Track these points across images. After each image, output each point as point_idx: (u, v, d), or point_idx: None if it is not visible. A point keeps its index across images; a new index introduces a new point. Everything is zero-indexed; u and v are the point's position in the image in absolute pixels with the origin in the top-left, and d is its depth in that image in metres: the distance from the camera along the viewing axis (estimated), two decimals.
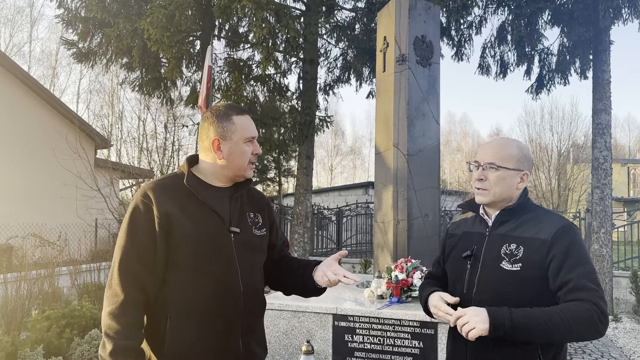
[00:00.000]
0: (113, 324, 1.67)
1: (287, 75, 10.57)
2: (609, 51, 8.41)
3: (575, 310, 1.63)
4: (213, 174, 1.90)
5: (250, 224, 1.93)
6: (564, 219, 1.85)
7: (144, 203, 1.77)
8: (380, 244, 6.06)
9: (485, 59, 10.01)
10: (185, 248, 1.75)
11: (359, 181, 39.60)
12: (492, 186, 1.86)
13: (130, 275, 1.71)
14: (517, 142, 1.95)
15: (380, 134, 6.25)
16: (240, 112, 1.92)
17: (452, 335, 1.95)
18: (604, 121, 8.43)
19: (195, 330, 1.74)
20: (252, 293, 1.86)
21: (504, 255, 1.79)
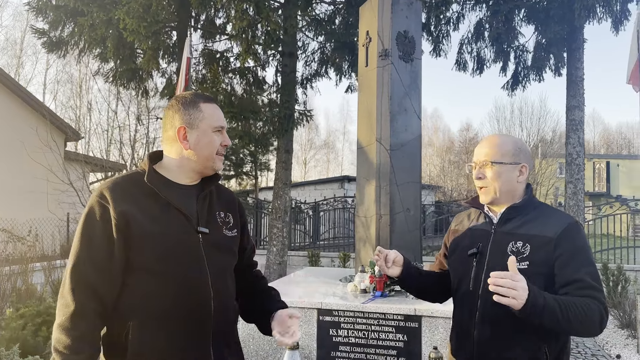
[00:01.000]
0: (62, 338, 1.52)
1: (265, 68, 10.47)
2: (582, 49, 8.61)
3: (588, 306, 1.65)
4: (179, 169, 1.75)
5: (220, 224, 1.78)
6: (569, 217, 1.87)
7: (99, 203, 1.62)
8: (362, 238, 6.08)
9: (463, 55, 10.13)
10: (145, 250, 1.60)
11: (333, 175, 39.73)
12: (492, 182, 1.88)
13: (82, 283, 1.56)
14: (511, 137, 1.98)
15: (362, 128, 6.26)
16: (208, 100, 1.79)
17: (458, 330, 1.96)
18: (577, 117, 8.64)
19: (161, 339, 1.60)
20: (223, 298, 1.72)
21: (511, 253, 1.79)
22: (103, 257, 1.59)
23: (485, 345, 1.81)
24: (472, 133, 43.29)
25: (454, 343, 2.00)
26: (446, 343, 4.56)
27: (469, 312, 1.87)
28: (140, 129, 13.54)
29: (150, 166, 1.74)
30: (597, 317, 1.65)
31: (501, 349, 1.77)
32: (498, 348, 1.78)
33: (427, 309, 4.61)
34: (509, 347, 1.76)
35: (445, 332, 4.55)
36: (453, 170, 39.48)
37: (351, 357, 4.73)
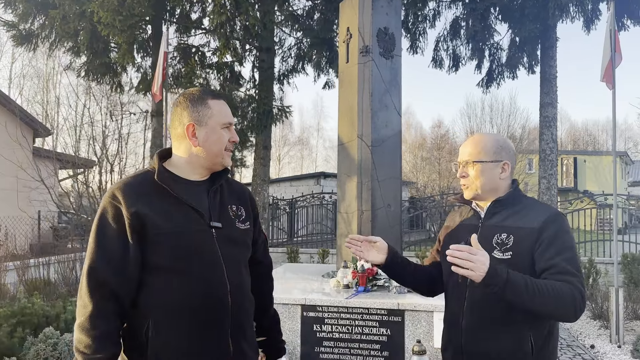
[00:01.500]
0: (83, 338, 1.56)
1: (243, 64, 10.38)
2: (555, 47, 8.82)
3: (560, 288, 1.68)
4: (188, 165, 1.76)
5: (232, 217, 1.79)
6: (552, 208, 1.94)
7: (112, 205, 1.63)
8: (343, 234, 6.11)
9: (439, 53, 10.25)
10: (161, 248, 1.62)
11: (307, 172, 39.71)
12: (474, 180, 1.94)
13: (99, 284, 1.58)
14: (492, 135, 2.04)
15: (343, 125, 6.27)
16: (216, 96, 1.79)
17: (448, 322, 2.01)
18: (550, 114, 8.85)
19: (180, 334, 1.63)
20: (239, 291, 1.75)
21: (496, 245, 1.85)
22: (118, 258, 1.60)
23: (472, 334, 1.86)
24: (444, 130, 43.87)
25: (444, 336, 2.05)
26: (429, 336, 4.64)
27: (458, 303, 1.93)
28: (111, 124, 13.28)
29: (160, 164, 1.74)
30: (569, 300, 1.68)
31: (488, 337, 1.82)
32: (485, 337, 1.83)
33: (410, 303, 4.67)
34: (495, 336, 1.81)
35: (428, 326, 4.62)
36: (425, 167, 39.93)
37: (335, 352, 4.76)
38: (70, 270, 6.95)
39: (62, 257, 7.08)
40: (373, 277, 5.22)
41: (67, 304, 5.67)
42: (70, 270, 6.95)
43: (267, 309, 2.02)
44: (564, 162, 37.60)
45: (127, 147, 13.05)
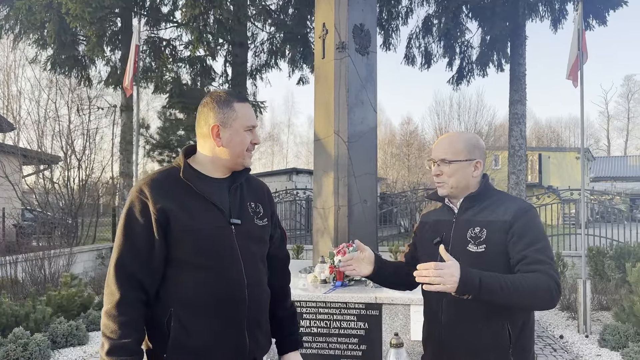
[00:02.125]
0: (110, 323, 1.64)
1: (216, 58, 10.25)
2: (524, 45, 9.03)
3: (535, 280, 1.75)
4: (211, 163, 1.84)
5: (251, 215, 1.88)
6: (523, 201, 2.02)
7: (139, 199, 1.72)
8: (320, 230, 6.12)
9: (411, 50, 10.35)
10: (184, 244, 1.71)
11: (278, 168, 39.56)
12: (448, 179, 2.00)
13: (126, 273, 1.67)
14: (465, 134, 2.11)
15: (319, 120, 6.27)
16: (242, 99, 1.87)
17: (427, 317, 2.07)
18: (519, 111, 9.06)
19: (200, 325, 1.72)
20: (256, 285, 1.83)
21: (470, 239, 1.92)
22: (144, 250, 1.69)
23: (452, 329, 1.91)
24: (413, 126, 44.40)
25: (425, 331, 2.11)
26: (406, 329, 4.71)
27: (437, 298, 1.96)
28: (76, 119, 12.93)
29: (185, 162, 1.82)
30: (545, 289, 1.74)
31: (467, 331, 1.88)
32: (464, 331, 1.89)
33: (387, 296, 4.72)
34: (474, 329, 1.87)
35: (405, 319, 4.69)
36: (395, 163, 40.31)
37: (313, 347, 4.78)
38: (39, 269, 6.75)
39: (30, 255, 6.88)
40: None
41: (36, 304, 5.52)
42: (39, 269, 6.75)
43: (284, 301, 2.07)
44: (529, 158, 38.54)
45: (95, 142, 12.78)
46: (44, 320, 5.38)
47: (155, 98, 30.21)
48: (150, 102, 30.50)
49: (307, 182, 17.96)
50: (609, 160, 45.53)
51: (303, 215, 14.24)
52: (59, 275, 7.00)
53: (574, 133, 56.43)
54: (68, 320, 5.55)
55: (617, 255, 7.92)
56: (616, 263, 7.63)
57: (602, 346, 5.36)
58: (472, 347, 1.88)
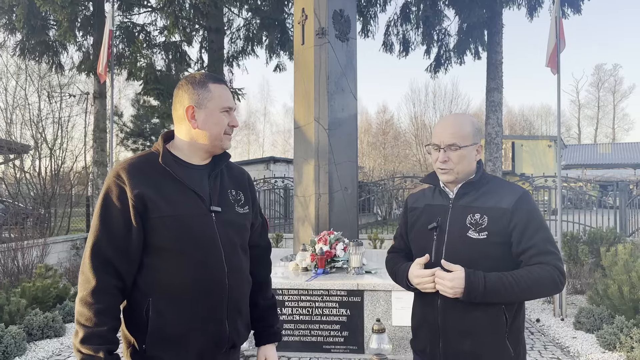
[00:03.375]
0: (84, 311, 1.59)
1: (192, 43, 10.05)
2: (501, 33, 9.09)
3: (540, 274, 1.78)
4: (189, 148, 1.79)
5: (232, 202, 1.84)
6: (520, 188, 1.98)
7: (116, 184, 1.67)
8: (301, 218, 6.10)
9: (389, 37, 10.32)
10: (162, 231, 1.66)
11: (254, 157, 39.31)
12: (455, 165, 1.93)
13: (102, 260, 1.62)
14: (468, 116, 2.05)
15: (299, 107, 6.22)
16: (217, 80, 1.81)
17: (421, 300, 2.02)
18: (496, 99, 9.15)
19: (179, 314, 1.68)
20: (237, 273, 1.79)
21: (470, 225, 1.88)
22: (121, 236, 1.64)
23: (449, 314, 1.89)
24: (389, 115, 44.57)
25: (417, 315, 2.07)
26: (388, 315, 4.74)
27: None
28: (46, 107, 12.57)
29: (164, 147, 1.78)
30: (549, 281, 1.79)
31: (464, 316, 1.86)
32: (461, 315, 1.86)
33: (369, 283, 4.74)
34: (471, 314, 1.85)
35: (387, 305, 4.72)
36: (372, 151, 40.46)
37: (295, 334, 4.78)
38: (12, 260, 6.57)
39: (2, 246, 6.68)
40: (331, 259, 5.26)
41: (10, 295, 5.37)
42: (12, 261, 6.57)
43: (264, 291, 2.04)
44: (503, 146, 39.13)
45: (67, 131, 12.47)
46: (19, 313, 5.24)
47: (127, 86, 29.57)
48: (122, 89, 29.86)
49: (285, 171, 17.89)
50: (579, 148, 46.55)
51: (281, 204, 14.19)
52: (32, 266, 6.82)
53: (546, 121, 57.52)
54: (44, 312, 5.42)
55: (590, 241, 8.12)
56: (589, 248, 7.82)
57: (577, 329, 5.50)
58: (468, 332, 1.87)
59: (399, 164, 35.44)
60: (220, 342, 1.76)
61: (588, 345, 4.95)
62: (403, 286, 2.04)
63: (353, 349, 4.76)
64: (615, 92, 54.95)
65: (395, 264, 2.13)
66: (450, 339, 1.91)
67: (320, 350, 4.77)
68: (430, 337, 1.97)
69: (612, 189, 11.45)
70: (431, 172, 2.13)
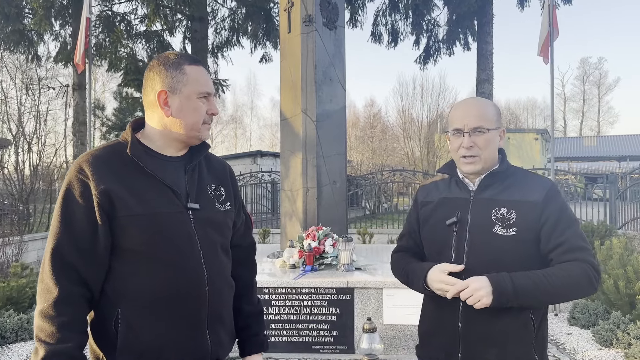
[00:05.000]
0: (45, 325, 1.39)
1: (174, 33, 9.74)
2: (492, 23, 8.94)
3: (573, 271, 1.62)
4: (162, 138, 1.58)
5: (211, 198, 1.64)
6: (548, 180, 1.80)
7: (79, 179, 1.47)
8: (288, 213, 5.90)
9: (378, 27, 10.13)
10: (132, 232, 1.47)
11: (241, 151, 38.96)
12: (482, 151, 1.73)
13: (65, 266, 1.43)
14: (486, 99, 1.87)
15: (286, 98, 6.00)
16: (194, 61, 1.60)
17: (437, 303, 1.79)
18: (487, 90, 9.01)
19: (153, 325, 1.49)
20: (218, 277, 1.60)
21: (496, 220, 1.69)
22: (85, 239, 1.45)
23: (471, 319, 1.69)
24: (376, 109, 44.47)
25: (433, 321, 1.85)
26: (379, 313, 4.57)
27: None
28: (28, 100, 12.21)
29: (133, 136, 1.56)
30: (584, 278, 1.62)
31: (489, 320, 1.67)
32: (486, 320, 1.67)
33: (360, 280, 4.57)
34: (497, 318, 1.66)
35: (378, 303, 4.55)
36: (359, 145, 40.34)
37: (283, 334, 4.59)
38: None
39: None
40: (320, 256, 5.07)
41: None
42: None
43: (249, 296, 1.84)
44: None
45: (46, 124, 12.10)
46: None
47: (111, 79, 29.15)
48: (106, 83, 29.44)
49: (272, 165, 17.67)
50: (565, 141, 46.95)
51: (269, 199, 13.97)
52: (8, 265, 6.54)
53: (532, 115, 57.91)
54: (18, 314, 5.17)
55: None
56: None
57: (571, 324, 5.38)
58: (493, 340, 1.68)
59: (387, 158, 35.40)
60: (200, 355, 1.57)
61: (584, 342, 4.83)
62: (417, 289, 1.83)
63: (343, 349, 4.58)
64: (600, 85, 55.48)
65: (407, 263, 1.91)
66: (473, 347, 1.71)
67: (309, 351, 4.59)
68: (448, 345, 1.76)
69: (601, 182, 11.41)
70: (447, 162, 1.91)
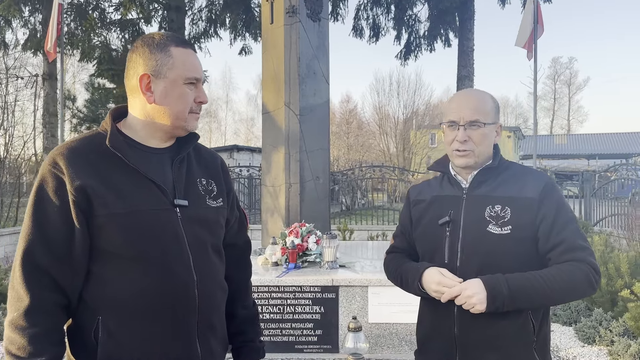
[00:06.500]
0: (16, 337, 1.26)
1: (150, 22, 9.45)
2: (473, 20, 8.94)
3: (572, 272, 1.56)
4: (145, 128, 1.44)
5: (202, 194, 1.51)
6: (544, 175, 1.75)
7: (53, 175, 1.33)
8: (270, 209, 5.77)
9: (359, 22, 10.04)
10: (112, 232, 1.34)
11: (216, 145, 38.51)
12: (477, 146, 1.67)
13: (37, 271, 1.29)
14: (485, 91, 1.79)
15: (268, 91, 5.85)
16: (182, 43, 1.46)
17: (432, 306, 1.73)
18: (467, 87, 9.00)
19: (136, 334, 1.36)
20: (208, 281, 1.47)
21: (490, 219, 1.63)
22: (60, 240, 1.31)
23: (468, 321, 1.62)
24: (352, 105, 44.49)
25: (428, 324, 1.78)
26: (364, 312, 4.49)
27: None
28: None
29: (113, 126, 1.43)
30: (584, 279, 1.56)
31: (487, 324, 1.60)
32: (483, 324, 1.60)
33: (345, 278, 4.48)
34: (495, 322, 1.59)
35: (363, 301, 4.47)
36: (335, 141, 40.35)
37: (265, 334, 4.46)
38: None
39: None
40: (303, 253, 4.96)
41: None
42: None
43: (244, 299, 1.71)
44: None
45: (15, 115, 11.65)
46: None
47: (81, 70, 28.35)
48: (76, 73, 28.64)
49: (249, 160, 17.52)
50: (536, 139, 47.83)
51: (246, 194, 13.78)
52: None
53: (504, 113, 58.81)
54: None
55: None
56: None
57: (553, 321, 5.39)
58: (491, 342, 1.62)
59: (364, 154, 35.47)
60: None
61: (567, 339, 4.84)
62: (411, 291, 1.75)
63: (327, 348, 4.50)
64: (570, 84, 56.69)
65: (400, 265, 1.83)
66: (470, 352, 1.64)
67: (292, 351, 4.48)
68: (445, 351, 1.69)
69: (576, 179, 11.59)
70: (439, 159, 1.85)
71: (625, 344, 4.09)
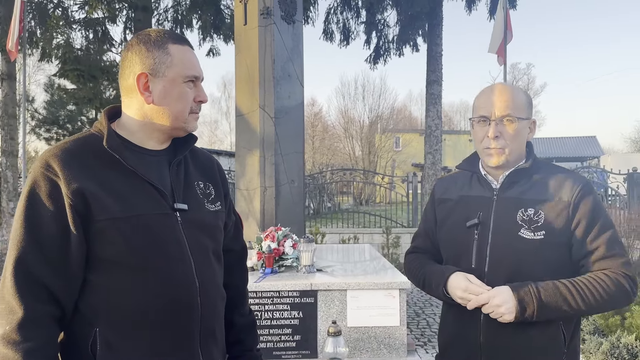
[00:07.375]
0: (9, 353, 1.18)
1: (116, 22, 9.19)
2: (442, 25, 9.09)
3: (607, 282, 1.49)
4: (142, 129, 1.39)
5: (200, 197, 1.46)
6: (581, 177, 1.63)
7: (46, 178, 1.25)
8: (244, 213, 5.68)
9: (330, 25, 10.06)
10: (112, 238, 1.27)
11: None
12: (510, 143, 1.57)
13: (30, 280, 1.21)
14: (515, 86, 1.72)
15: (242, 94, 5.78)
16: (180, 40, 1.41)
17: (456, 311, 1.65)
18: (436, 92, 9.15)
19: (138, 345, 1.30)
20: (210, 287, 1.42)
21: (522, 222, 1.55)
22: (55, 248, 1.23)
23: (495, 331, 1.55)
24: (317, 108, 44.64)
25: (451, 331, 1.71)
26: (342, 316, 4.46)
27: None
28: None
29: (109, 127, 1.36)
30: (619, 291, 1.50)
31: (514, 333, 1.54)
32: (510, 332, 1.53)
33: (323, 282, 4.45)
34: (523, 331, 1.53)
35: (342, 305, 4.44)
36: None
37: None
38: None
39: None
40: (280, 258, 4.90)
41: None
42: None
43: (241, 306, 1.66)
44: None
45: None
46: None
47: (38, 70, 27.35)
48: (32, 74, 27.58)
49: (228, 164, 17.50)
50: None
51: None
52: None
53: (464, 117, 60.11)
54: None
55: None
56: None
57: None
58: (519, 353, 1.55)
59: (331, 157, 35.59)
60: None
61: None
62: (435, 294, 1.68)
63: (305, 353, 4.45)
64: (528, 90, 58.41)
65: (423, 266, 1.75)
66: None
67: (270, 357, 4.41)
68: (468, 358, 1.63)
69: None
70: (468, 157, 1.76)
71: (596, 342, 4.20)
